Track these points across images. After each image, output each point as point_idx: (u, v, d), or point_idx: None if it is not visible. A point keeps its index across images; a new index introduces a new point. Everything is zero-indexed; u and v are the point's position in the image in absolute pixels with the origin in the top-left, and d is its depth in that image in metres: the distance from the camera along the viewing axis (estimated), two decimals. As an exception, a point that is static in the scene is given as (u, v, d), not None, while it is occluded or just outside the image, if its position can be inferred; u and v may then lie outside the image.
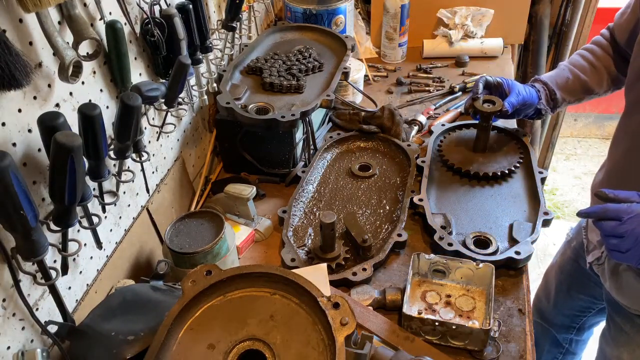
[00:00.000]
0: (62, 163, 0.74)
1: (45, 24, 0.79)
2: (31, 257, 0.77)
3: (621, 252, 0.95)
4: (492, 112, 1.35)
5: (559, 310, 1.62)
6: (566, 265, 1.54)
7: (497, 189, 1.37)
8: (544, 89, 1.37)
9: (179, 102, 1.25)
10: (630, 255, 0.94)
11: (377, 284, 1.17)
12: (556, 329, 1.67)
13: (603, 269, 1.27)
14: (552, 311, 1.64)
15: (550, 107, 1.38)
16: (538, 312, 1.70)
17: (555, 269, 1.60)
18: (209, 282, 0.83)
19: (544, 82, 1.38)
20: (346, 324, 0.76)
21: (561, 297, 1.59)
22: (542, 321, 1.70)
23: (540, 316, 1.70)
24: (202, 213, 1.14)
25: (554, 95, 1.37)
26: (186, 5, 1.17)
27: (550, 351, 1.74)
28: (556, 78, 1.38)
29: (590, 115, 3.71)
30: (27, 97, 0.80)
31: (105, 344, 0.85)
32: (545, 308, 1.66)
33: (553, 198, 3.21)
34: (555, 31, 2.46)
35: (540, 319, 1.70)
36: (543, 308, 1.68)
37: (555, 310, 1.63)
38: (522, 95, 1.35)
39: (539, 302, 1.70)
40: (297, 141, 1.42)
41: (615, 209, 0.95)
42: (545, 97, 1.37)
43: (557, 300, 1.60)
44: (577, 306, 1.55)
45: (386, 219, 1.31)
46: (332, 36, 1.62)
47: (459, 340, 1.02)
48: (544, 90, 1.37)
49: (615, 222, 0.94)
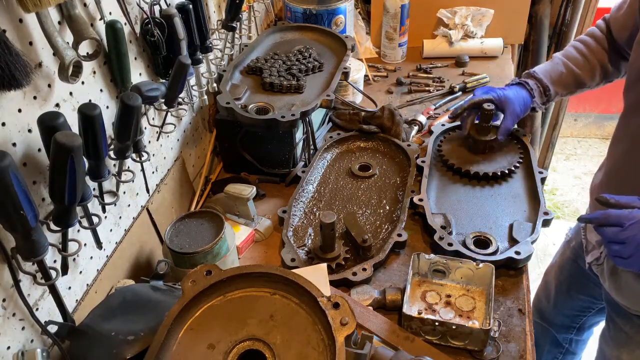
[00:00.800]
0: (62, 163, 0.74)
1: (45, 24, 0.79)
2: (31, 257, 0.77)
3: (623, 258, 0.94)
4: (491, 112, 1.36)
5: (559, 311, 1.62)
6: (566, 266, 1.54)
7: (497, 189, 1.37)
8: (537, 85, 1.37)
9: (179, 102, 1.25)
10: (633, 261, 0.93)
11: (377, 284, 1.17)
12: (556, 329, 1.67)
13: (602, 269, 1.27)
14: (552, 311, 1.64)
15: (541, 102, 1.39)
16: (538, 312, 1.70)
17: (555, 269, 1.60)
18: (209, 282, 0.83)
19: (538, 78, 1.37)
20: (346, 324, 0.76)
21: (561, 297, 1.59)
22: (542, 321, 1.70)
23: (540, 316, 1.70)
24: (202, 213, 1.14)
25: (548, 91, 1.37)
26: (186, 5, 1.17)
27: (550, 351, 1.74)
28: (550, 72, 1.38)
29: (590, 115, 3.71)
30: (27, 97, 0.80)
31: (105, 344, 0.85)
32: (545, 308, 1.66)
33: (553, 198, 3.21)
34: (555, 31, 2.46)
35: (540, 319, 1.70)
36: (543, 308, 1.68)
37: (555, 310, 1.63)
38: (517, 113, 1.35)
39: (538, 302, 1.70)
40: (297, 141, 1.42)
41: (617, 215, 0.94)
42: (539, 93, 1.37)
43: (557, 300, 1.60)
44: (577, 306, 1.55)
45: (386, 219, 1.31)
46: (332, 36, 1.62)
47: (459, 340, 1.02)
48: (538, 87, 1.37)
49: (617, 229, 0.93)
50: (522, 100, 1.36)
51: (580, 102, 3.63)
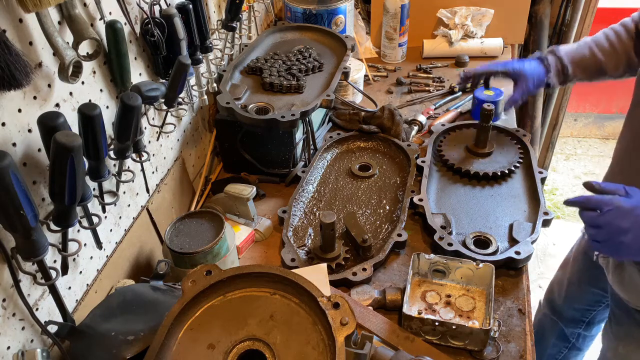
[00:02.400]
0: (62, 163, 0.74)
1: (45, 24, 0.79)
2: (31, 257, 0.77)
3: (598, 242, 0.96)
4: (491, 112, 1.36)
5: (570, 304, 1.63)
6: (578, 258, 1.55)
7: (497, 189, 1.37)
8: (556, 63, 1.38)
9: (179, 102, 1.25)
10: (606, 246, 0.96)
11: (377, 284, 1.17)
12: (565, 322, 1.68)
13: (607, 261, 1.28)
14: (564, 304, 1.65)
15: (559, 81, 1.40)
16: (550, 304, 1.72)
17: (570, 261, 1.62)
18: (209, 282, 0.83)
19: (559, 56, 1.39)
20: (346, 324, 0.76)
21: (572, 289, 1.60)
22: (552, 314, 1.71)
23: (552, 309, 1.71)
24: (202, 213, 1.14)
25: (566, 70, 1.38)
26: (186, 5, 1.17)
27: (555, 345, 1.75)
28: (573, 53, 1.39)
29: (590, 115, 3.71)
30: (27, 97, 0.80)
31: (105, 344, 0.85)
32: (557, 301, 1.68)
33: (553, 198, 3.21)
34: (555, 31, 2.46)
35: (550, 311, 1.71)
36: (554, 300, 1.69)
37: (567, 303, 1.64)
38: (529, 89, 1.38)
39: (551, 295, 1.71)
40: (297, 141, 1.42)
41: (597, 200, 0.96)
42: (557, 71, 1.38)
43: (568, 293, 1.62)
44: (588, 300, 1.56)
45: (386, 219, 1.31)
46: (332, 36, 1.62)
47: (459, 340, 1.02)
48: (556, 65, 1.38)
49: (595, 213, 0.95)
50: (537, 76, 1.38)
51: (580, 102, 3.63)
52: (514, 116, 1.71)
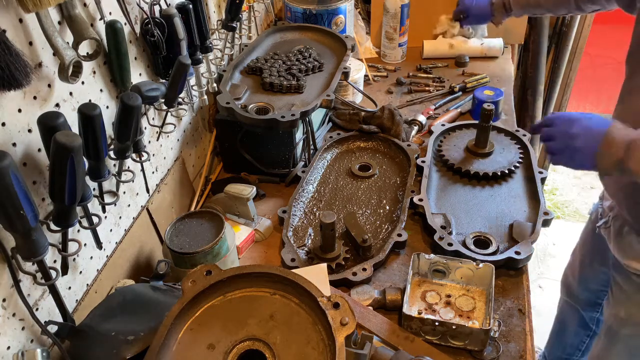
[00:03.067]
0: (62, 163, 0.74)
1: (45, 24, 0.79)
2: (31, 257, 0.77)
3: (555, 154, 1.07)
4: (491, 112, 1.36)
5: (585, 286, 1.66)
6: (587, 238, 1.58)
7: (497, 189, 1.37)
8: None
9: (179, 102, 1.25)
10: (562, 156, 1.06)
11: (377, 284, 1.17)
12: (582, 305, 1.71)
13: (609, 231, 1.32)
14: (578, 287, 1.68)
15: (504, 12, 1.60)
16: (566, 289, 1.75)
17: (580, 244, 1.65)
18: (209, 282, 0.83)
19: None
20: (346, 324, 0.76)
21: (585, 271, 1.63)
22: (569, 298, 1.74)
23: (568, 293, 1.74)
24: (202, 213, 1.14)
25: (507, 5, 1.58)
26: (186, 5, 1.17)
27: (578, 333, 1.77)
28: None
29: (590, 115, 3.70)
30: (27, 97, 0.80)
31: (105, 344, 0.85)
32: (572, 284, 1.71)
33: (553, 198, 3.21)
34: (555, 31, 2.46)
35: (567, 296, 1.75)
36: (570, 284, 1.72)
37: (581, 286, 1.67)
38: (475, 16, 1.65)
39: (566, 279, 1.75)
40: (297, 141, 1.42)
41: (551, 117, 1.10)
42: None
43: (581, 274, 1.65)
44: (600, 280, 1.58)
45: (386, 219, 1.31)
46: (332, 36, 1.62)
47: (459, 340, 1.02)
48: None
49: (549, 128, 1.08)
50: None
51: (580, 102, 3.63)
52: (514, 116, 1.71)
